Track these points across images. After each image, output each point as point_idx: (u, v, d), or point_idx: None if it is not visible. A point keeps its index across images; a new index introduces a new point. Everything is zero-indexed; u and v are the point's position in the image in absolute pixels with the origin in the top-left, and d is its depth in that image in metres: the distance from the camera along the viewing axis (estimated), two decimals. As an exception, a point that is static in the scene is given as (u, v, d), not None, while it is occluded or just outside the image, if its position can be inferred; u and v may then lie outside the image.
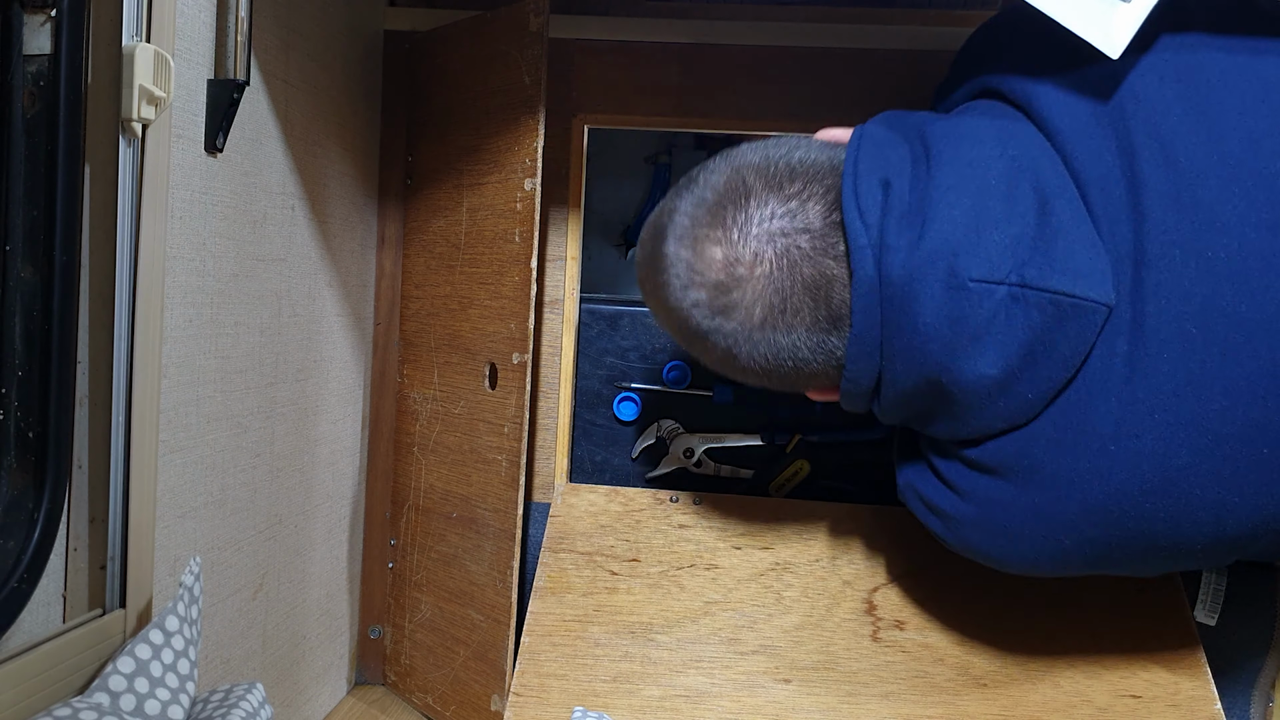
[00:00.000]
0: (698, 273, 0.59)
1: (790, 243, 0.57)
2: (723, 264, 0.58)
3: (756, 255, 0.57)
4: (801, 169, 0.59)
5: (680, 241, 0.60)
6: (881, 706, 0.76)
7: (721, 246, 0.58)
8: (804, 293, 0.57)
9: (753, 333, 0.59)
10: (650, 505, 0.92)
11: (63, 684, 0.53)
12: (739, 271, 0.58)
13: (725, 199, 0.59)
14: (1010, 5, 0.67)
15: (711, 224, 0.59)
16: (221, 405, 0.69)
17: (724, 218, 0.58)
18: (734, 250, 0.58)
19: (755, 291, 0.58)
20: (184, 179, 0.63)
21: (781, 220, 0.57)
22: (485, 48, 0.87)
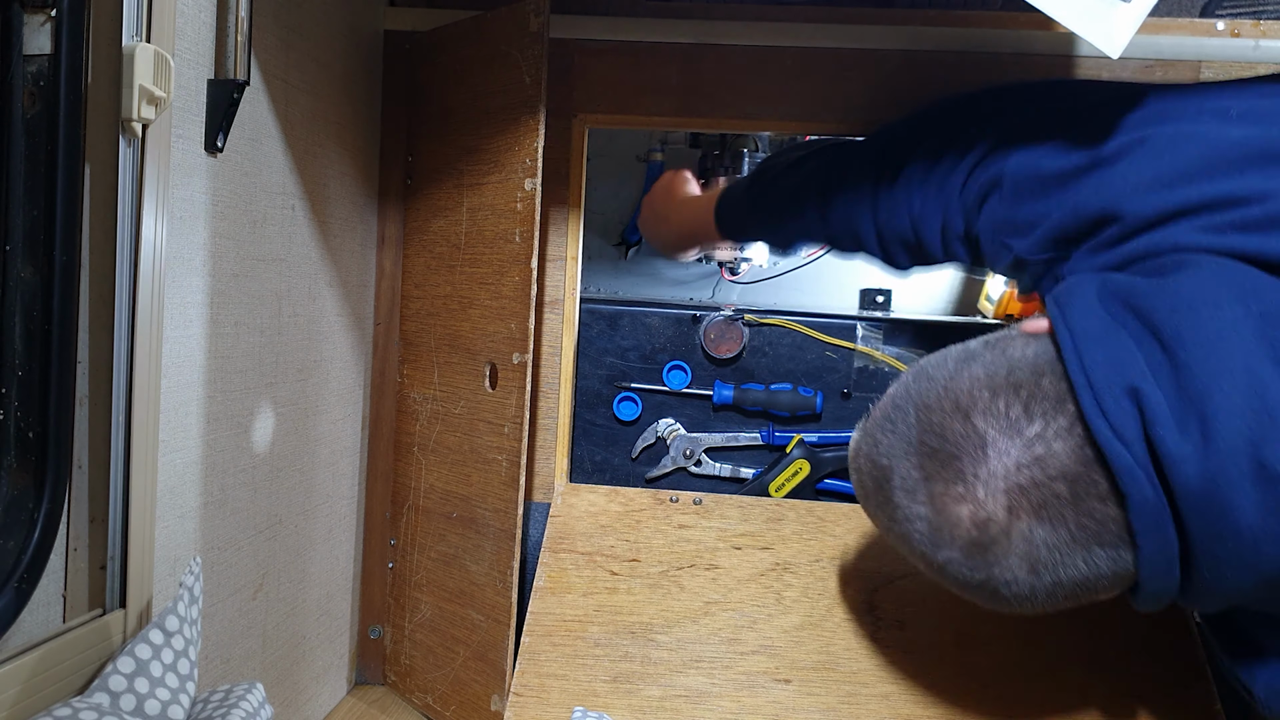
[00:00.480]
0: (944, 533, 0.55)
1: (1047, 494, 0.51)
2: (971, 523, 0.53)
3: (1011, 510, 0.52)
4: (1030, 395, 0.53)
5: (912, 496, 0.56)
6: (881, 706, 0.76)
7: (967, 505, 0.53)
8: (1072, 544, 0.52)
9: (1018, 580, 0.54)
10: (650, 505, 0.92)
11: (63, 684, 0.53)
12: (993, 531, 0.53)
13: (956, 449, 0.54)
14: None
15: (947, 479, 0.54)
16: (221, 405, 0.69)
17: (961, 472, 0.53)
18: (981, 510, 0.53)
19: (1018, 549, 0.53)
20: (184, 179, 0.63)
21: (1031, 470, 0.52)
22: (485, 48, 0.87)
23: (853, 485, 0.65)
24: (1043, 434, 0.52)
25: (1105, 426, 0.50)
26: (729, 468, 1.00)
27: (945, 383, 0.56)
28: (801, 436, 0.98)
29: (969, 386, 0.55)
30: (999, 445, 0.52)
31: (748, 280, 1.15)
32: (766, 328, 1.00)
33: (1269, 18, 0.88)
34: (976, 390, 0.55)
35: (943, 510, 0.55)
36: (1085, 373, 0.51)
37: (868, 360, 0.99)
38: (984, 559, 0.54)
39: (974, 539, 0.54)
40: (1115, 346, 0.52)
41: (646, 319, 1.01)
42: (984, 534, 0.53)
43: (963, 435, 0.54)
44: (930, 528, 0.55)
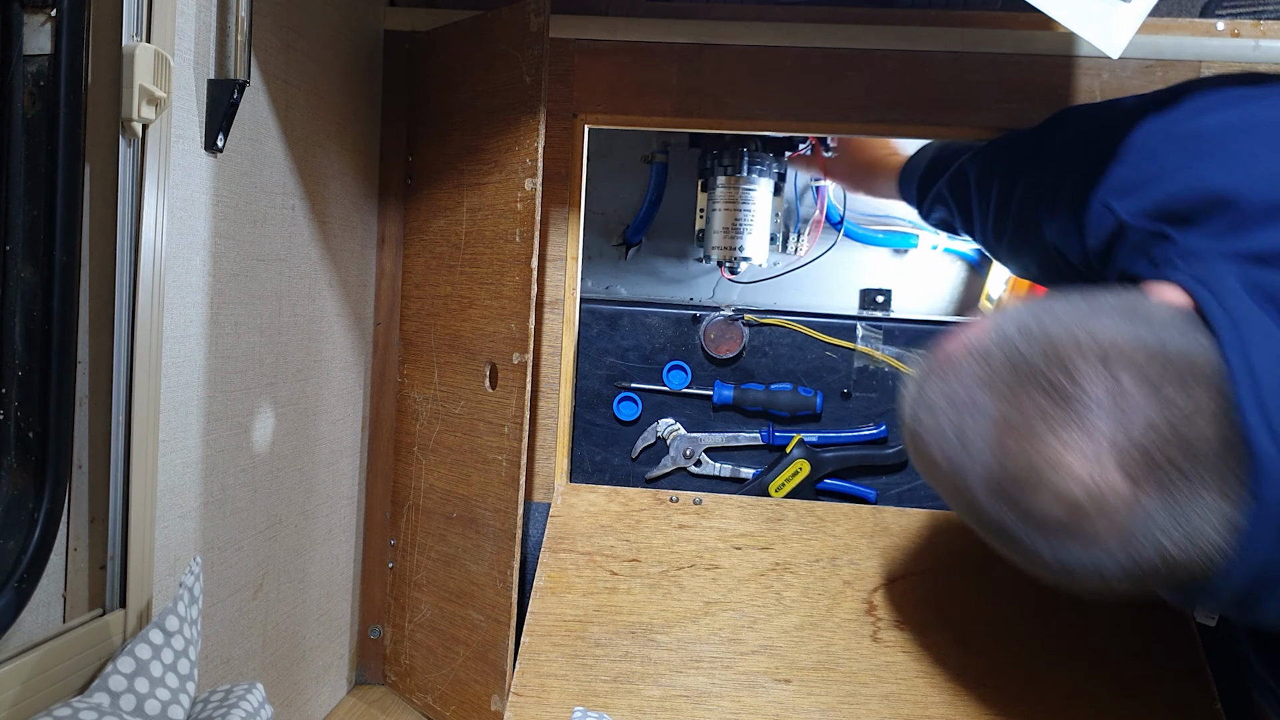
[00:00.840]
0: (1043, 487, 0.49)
1: (1175, 468, 0.47)
2: (1081, 484, 0.48)
3: (1135, 480, 0.48)
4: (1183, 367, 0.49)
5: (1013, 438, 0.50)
6: (881, 706, 0.76)
7: (1083, 461, 0.48)
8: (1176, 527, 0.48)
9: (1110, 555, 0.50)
10: (650, 505, 0.92)
11: (63, 684, 0.53)
12: (1105, 499, 0.48)
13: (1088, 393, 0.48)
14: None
15: (1068, 426, 0.48)
16: (221, 405, 0.69)
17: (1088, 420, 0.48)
18: (1101, 470, 0.48)
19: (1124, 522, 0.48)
20: (184, 179, 0.63)
21: (1169, 442, 0.47)
22: (485, 48, 0.87)
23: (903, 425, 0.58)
24: (1190, 406, 0.47)
25: (1262, 425, 0.47)
26: (729, 468, 1.00)
27: (1084, 325, 0.50)
28: (801, 436, 0.98)
29: (1113, 337, 0.49)
30: (1145, 411, 0.47)
31: (748, 280, 1.15)
32: (766, 328, 1.00)
33: (1269, 18, 0.88)
34: (1124, 343, 0.49)
35: (1051, 462, 0.48)
36: (1250, 368, 0.48)
37: (868, 360, 0.99)
38: (1081, 528, 0.49)
39: (1078, 503, 0.48)
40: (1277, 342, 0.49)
41: (646, 319, 1.01)
42: (1093, 500, 0.48)
43: (1105, 390, 0.48)
44: (1024, 479, 0.49)
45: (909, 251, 1.13)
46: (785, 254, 1.14)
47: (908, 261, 1.14)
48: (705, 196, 1.09)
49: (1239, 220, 0.56)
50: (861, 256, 1.15)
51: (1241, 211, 0.56)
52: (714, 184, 1.06)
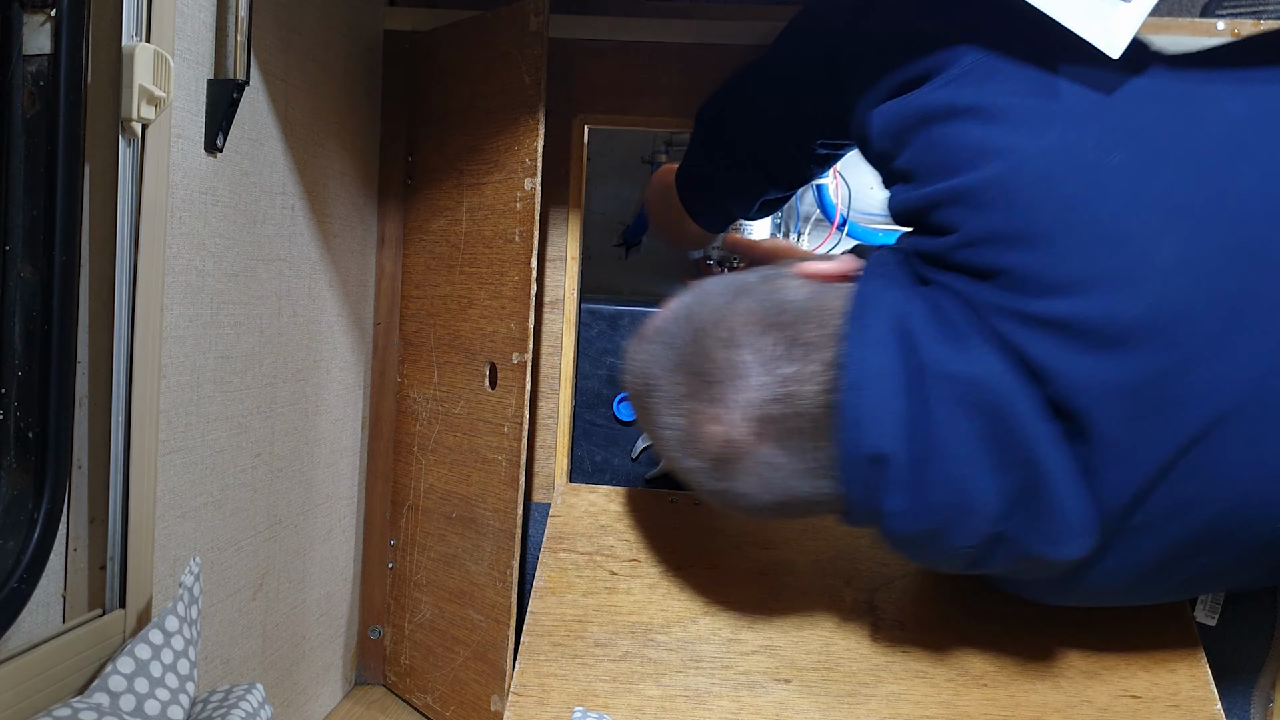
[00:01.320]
0: (694, 445, 0.62)
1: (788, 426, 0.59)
2: (719, 441, 0.60)
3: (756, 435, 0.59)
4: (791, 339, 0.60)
5: (674, 408, 0.62)
6: (881, 706, 0.76)
7: (719, 425, 0.60)
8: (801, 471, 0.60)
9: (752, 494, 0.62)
10: (650, 505, 0.92)
11: (63, 684, 0.53)
12: (737, 450, 0.60)
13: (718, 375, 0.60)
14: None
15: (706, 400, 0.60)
16: (221, 405, 0.69)
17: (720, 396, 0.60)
18: (731, 430, 0.60)
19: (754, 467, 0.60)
20: (184, 179, 0.63)
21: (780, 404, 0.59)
22: (485, 48, 0.87)
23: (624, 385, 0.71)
24: (796, 376, 0.58)
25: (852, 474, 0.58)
26: (729, 468, 1.00)
27: (721, 310, 0.62)
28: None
29: (741, 319, 0.61)
30: (756, 378, 0.59)
31: (748, 280, 1.15)
32: (766, 328, 1.00)
33: (1269, 18, 0.88)
34: (747, 323, 0.60)
35: (696, 426, 0.61)
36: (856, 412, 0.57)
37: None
38: (725, 472, 0.61)
39: (719, 455, 0.61)
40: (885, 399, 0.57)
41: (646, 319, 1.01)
42: (728, 452, 0.60)
43: (726, 364, 0.60)
44: (684, 438, 0.62)
45: (909, 251, 1.13)
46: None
47: (908, 261, 1.13)
48: (705, 196, 1.09)
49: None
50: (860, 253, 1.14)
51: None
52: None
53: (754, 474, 0.60)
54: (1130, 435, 0.55)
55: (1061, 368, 0.54)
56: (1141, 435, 0.55)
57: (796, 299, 0.61)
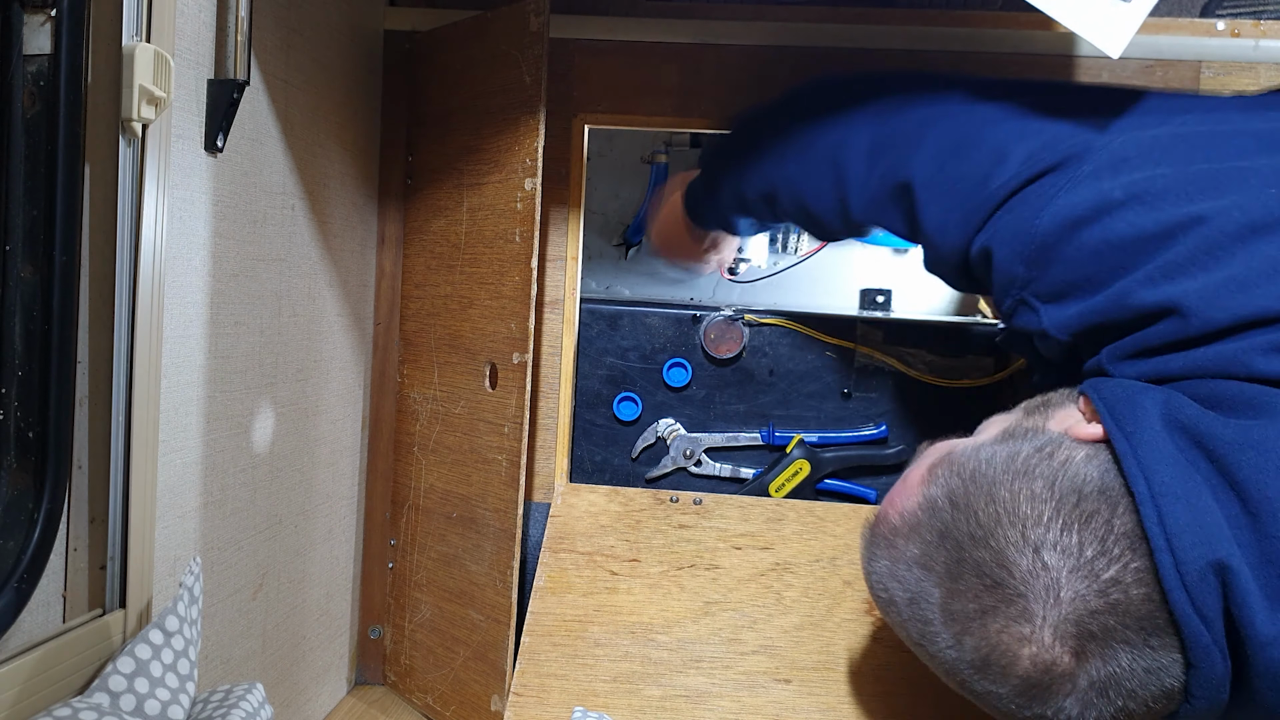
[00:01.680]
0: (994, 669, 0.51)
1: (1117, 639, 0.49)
2: (1032, 665, 0.50)
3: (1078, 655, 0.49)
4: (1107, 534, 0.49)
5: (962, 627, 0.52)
6: (881, 706, 0.76)
7: (1030, 646, 0.50)
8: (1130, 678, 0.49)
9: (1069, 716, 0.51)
10: (650, 505, 0.92)
11: (63, 684, 0.53)
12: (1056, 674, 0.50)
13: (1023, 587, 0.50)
14: None
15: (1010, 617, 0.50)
16: (221, 405, 0.69)
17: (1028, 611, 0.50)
18: (1047, 654, 0.50)
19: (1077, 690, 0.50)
20: (184, 179, 0.63)
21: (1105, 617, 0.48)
22: (485, 48, 0.87)
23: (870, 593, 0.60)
24: (1119, 579, 0.49)
25: (1187, 602, 0.47)
26: (729, 468, 1.00)
27: (1003, 501, 0.52)
28: (801, 436, 0.98)
29: (1034, 512, 0.51)
30: (1073, 587, 0.49)
31: (747, 280, 1.15)
32: (766, 328, 1.00)
33: (1269, 18, 0.88)
34: (1045, 519, 0.50)
35: (1000, 648, 0.51)
36: (1167, 538, 0.47)
37: (868, 360, 0.99)
38: (1039, 698, 0.51)
39: (1033, 681, 0.50)
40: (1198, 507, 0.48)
41: (646, 319, 1.01)
42: (1045, 676, 0.50)
43: (1030, 573, 0.50)
44: (980, 660, 0.52)
45: (909, 251, 1.13)
46: (785, 254, 1.14)
47: (908, 261, 1.14)
48: (705, 196, 1.10)
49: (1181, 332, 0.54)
50: (861, 256, 1.15)
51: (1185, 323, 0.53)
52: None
53: (1076, 697, 0.50)
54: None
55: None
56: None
57: (1093, 476, 0.51)
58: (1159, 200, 0.54)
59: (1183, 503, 0.48)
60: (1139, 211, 0.54)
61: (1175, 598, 0.47)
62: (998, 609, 0.51)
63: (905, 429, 0.99)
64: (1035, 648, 0.50)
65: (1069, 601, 0.49)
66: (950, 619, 0.53)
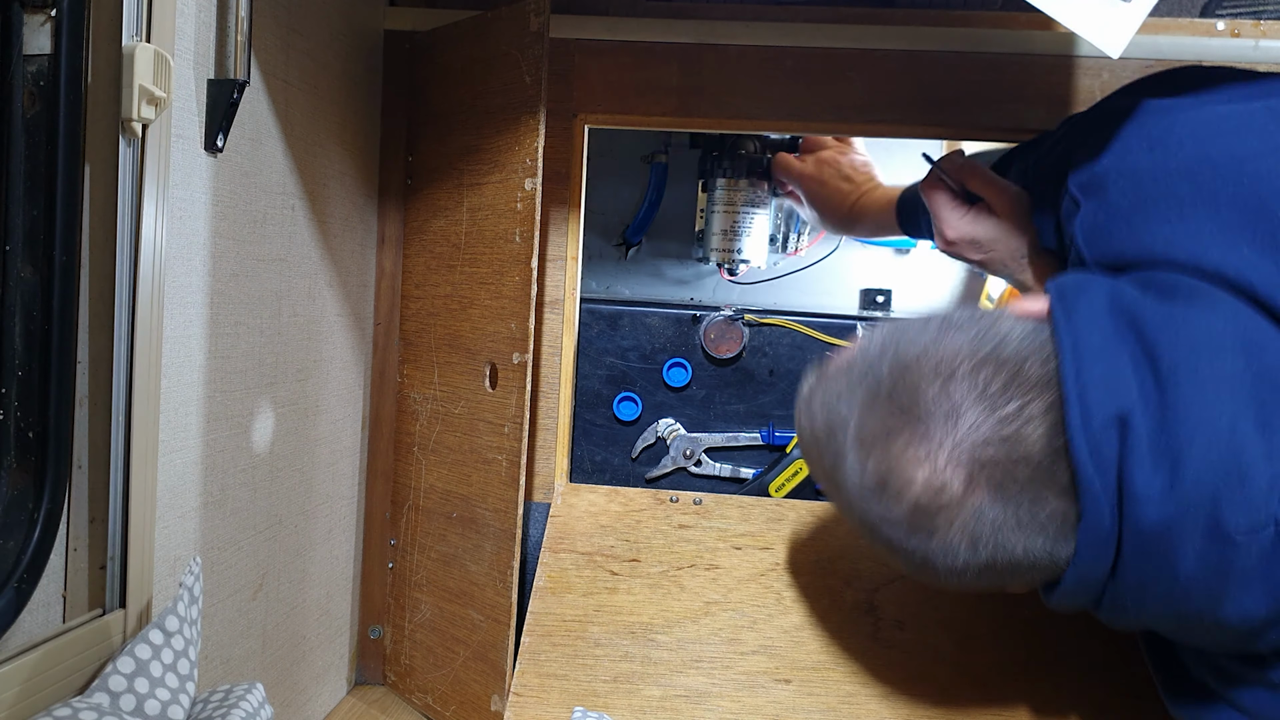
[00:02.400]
0: (891, 490, 0.54)
1: (1007, 474, 0.51)
2: (924, 486, 0.53)
3: (969, 483, 0.51)
4: (1012, 374, 0.52)
5: (867, 449, 0.55)
6: (881, 706, 0.76)
7: (924, 467, 0.52)
8: (1018, 527, 0.52)
9: (955, 552, 0.54)
10: (650, 505, 0.92)
11: (63, 684, 0.53)
12: (944, 499, 0.52)
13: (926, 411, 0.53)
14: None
15: (911, 439, 0.53)
16: (221, 405, 0.69)
17: (927, 434, 0.52)
18: (939, 475, 0.52)
19: (963, 520, 0.52)
20: (184, 179, 0.63)
21: (998, 448, 0.51)
22: (485, 48, 0.87)
23: (796, 427, 0.63)
24: (1018, 414, 0.51)
25: (1085, 445, 0.50)
26: (729, 468, 1.00)
27: (927, 344, 0.55)
28: (801, 436, 0.98)
29: (952, 353, 0.54)
30: (972, 416, 0.52)
31: (747, 280, 1.15)
32: (766, 328, 1.00)
33: (1269, 18, 0.88)
34: (960, 358, 0.53)
35: (897, 468, 0.53)
36: (1079, 385, 0.50)
37: (868, 360, 0.99)
38: (927, 525, 0.53)
39: (922, 503, 0.53)
40: (1113, 365, 0.51)
41: (646, 319, 1.01)
42: (934, 500, 0.53)
43: (936, 399, 0.53)
44: (878, 482, 0.54)
45: (909, 251, 1.13)
46: (785, 254, 1.14)
47: (908, 261, 1.14)
48: (705, 197, 1.10)
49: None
50: (862, 256, 1.15)
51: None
52: (714, 185, 1.06)
53: (961, 528, 0.52)
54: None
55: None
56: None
57: (1014, 334, 0.54)
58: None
59: (1101, 361, 0.51)
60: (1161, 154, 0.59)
61: (1076, 443, 0.50)
62: (901, 430, 0.53)
63: (905, 429, 0.99)
64: (929, 469, 0.52)
65: (966, 429, 0.51)
66: (859, 443, 0.55)
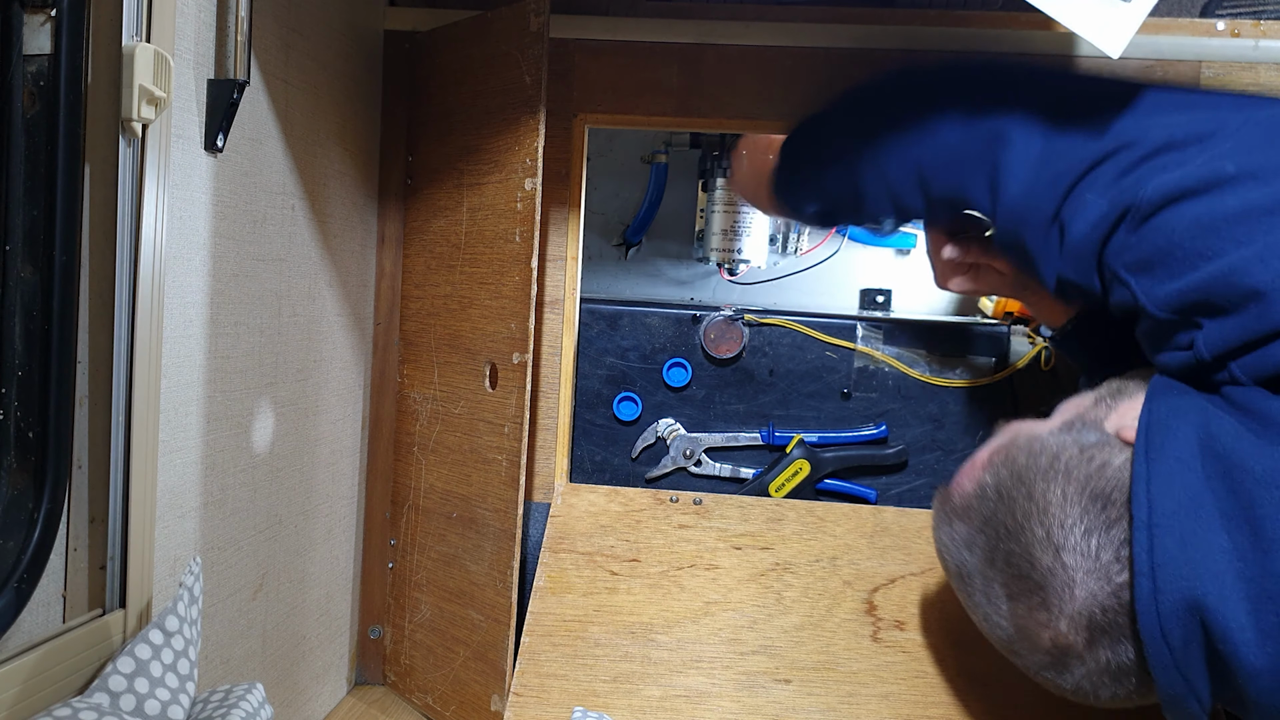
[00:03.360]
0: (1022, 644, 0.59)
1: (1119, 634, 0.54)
2: (1051, 644, 0.56)
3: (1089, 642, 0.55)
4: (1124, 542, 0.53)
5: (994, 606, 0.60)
6: (881, 706, 0.76)
7: (1049, 631, 0.56)
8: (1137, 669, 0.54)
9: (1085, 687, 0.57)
10: (650, 505, 0.92)
11: (63, 684, 0.53)
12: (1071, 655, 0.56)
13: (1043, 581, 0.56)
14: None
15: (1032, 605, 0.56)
16: (221, 405, 0.69)
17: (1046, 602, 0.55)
18: (1063, 639, 0.56)
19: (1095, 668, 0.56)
20: (184, 179, 0.63)
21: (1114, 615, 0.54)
22: (485, 48, 0.87)
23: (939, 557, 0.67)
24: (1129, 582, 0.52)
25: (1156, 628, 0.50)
26: (729, 468, 1.00)
27: (1039, 495, 0.56)
28: (801, 436, 0.98)
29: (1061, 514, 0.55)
30: (1087, 586, 0.54)
31: (747, 281, 1.15)
32: (766, 328, 1.00)
33: (1269, 18, 0.88)
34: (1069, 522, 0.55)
35: (1024, 629, 0.58)
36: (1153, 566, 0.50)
37: (868, 360, 0.99)
38: (1060, 669, 0.57)
39: (1053, 657, 0.57)
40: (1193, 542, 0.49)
41: (646, 319, 1.01)
42: (1063, 656, 0.56)
43: (1050, 570, 0.55)
44: (1011, 636, 0.59)
45: (910, 251, 1.13)
46: (785, 254, 1.14)
47: (908, 261, 1.14)
48: (705, 197, 1.10)
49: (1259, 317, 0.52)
50: (861, 257, 1.15)
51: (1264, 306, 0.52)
52: (713, 185, 1.07)
53: (1096, 671, 0.56)
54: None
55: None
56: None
57: (1123, 479, 0.54)
58: (1273, 177, 0.53)
59: (1176, 535, 0.49)
60: (1250, 186, 0.53)
61: (1144, 621, 0.50)
62: (1022, 597, 0.57)
63: (905, 429, 0.99)
64: (1053, 632, 0.56)
65: (1082, 599, 0.54)
66: (987, 597, 0.60)
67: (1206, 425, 0.52)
